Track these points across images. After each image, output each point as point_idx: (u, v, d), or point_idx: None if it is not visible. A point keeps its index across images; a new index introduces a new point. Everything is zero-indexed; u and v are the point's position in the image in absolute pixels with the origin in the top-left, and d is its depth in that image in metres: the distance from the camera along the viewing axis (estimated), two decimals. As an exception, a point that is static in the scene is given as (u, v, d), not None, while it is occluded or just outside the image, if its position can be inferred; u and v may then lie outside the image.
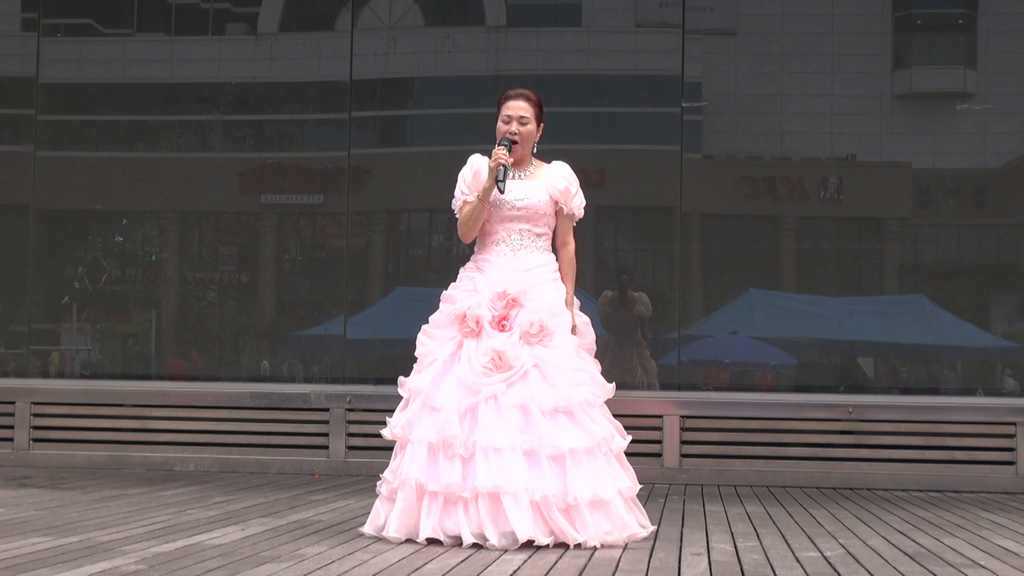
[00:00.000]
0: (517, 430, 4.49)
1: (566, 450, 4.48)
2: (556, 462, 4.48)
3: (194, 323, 8.43)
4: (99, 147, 8.64)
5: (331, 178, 8.27)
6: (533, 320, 4.66)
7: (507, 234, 4.87)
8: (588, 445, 4.52)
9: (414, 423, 4.62)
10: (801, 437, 7.22)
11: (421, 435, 4.57)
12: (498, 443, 4.46)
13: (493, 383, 4.56)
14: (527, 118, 4.88)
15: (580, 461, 4.49)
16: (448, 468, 4.48)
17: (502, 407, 4.53)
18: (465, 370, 4.62)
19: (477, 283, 4.80)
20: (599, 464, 4.54)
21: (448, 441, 4.50)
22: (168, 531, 4.72)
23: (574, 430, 4.54)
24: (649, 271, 8.34)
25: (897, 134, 8.06)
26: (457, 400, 4.57)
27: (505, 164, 4.75)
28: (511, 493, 4.39)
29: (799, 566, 4.14)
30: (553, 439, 4.49)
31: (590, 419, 4.59)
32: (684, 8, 7.89)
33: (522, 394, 4.55)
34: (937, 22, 8.29)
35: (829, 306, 7.98)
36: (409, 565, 4.00)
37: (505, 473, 4.41)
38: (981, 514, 5.89)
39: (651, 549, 4.47)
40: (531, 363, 4.61)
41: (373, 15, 8.27)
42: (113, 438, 7.65)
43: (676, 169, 7.81)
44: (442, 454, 4.51)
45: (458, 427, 4.52)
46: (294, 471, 7.45)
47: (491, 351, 4.59)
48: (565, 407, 4.55)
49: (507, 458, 4.44)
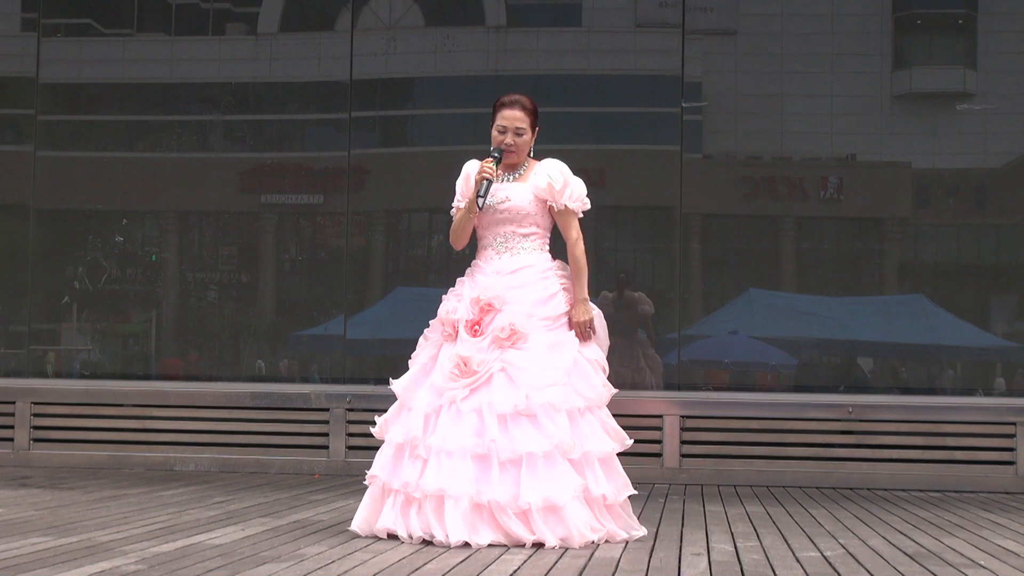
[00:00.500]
0: (472, 434, 4.53)
1: (523, 454, 4.48)
2: (512, 466, 4.49)
3: (194, 323, 8.43)
4: (99, 147, 8.64)
5: (331, 178, 8.27)
6: (504, 324, 4.67)
7: (494, 238, 4.88)
8: (546, 449, 4.50)
9: (390, 422, 4.78)
10: (801, 437, 7.22)
11: (392, 435, 4.71)
12: (449, 447, 4.52)
13: (455, 388, 4.62)
14: (523, 129, 4.85)
15: (536, 466, 4.47)
16: (408, 468, 4.59)
17: (461, 412, 4.59)
18: (437, 375, 4.70)
19: (465, 288, 4.86)
20: (557, 469, 4.50)
21: (412, 442, 4.61)
22: (168, 531, 4.72)
23: (534, 434, 4.51)
24: (649, 271, 8.34)
25: (897, 134, 8.06)
26: (426, 403, 4.66)
27: (489, 178, 4.75)
28: (452, 496, 4.44)
29: (799, 566, 4.14)
30: (510, 443, 4.50)
31: (552, 422, 4.54)
32: (684, 8, 7.88)
33: (481, 399, 4.58)
34: (937, 22, 8.29)
35: (829, 306, 7.98)
36: (409, 565, 4.00)
37: (450, 476, 4.47)
38: (981, 514, 5.89)
39: (651, 549, 4.47)
40: (498, 367, 4.62)
41: (373, 15, 8.27)
42: (113, 438, 7.66)
43: (676, 169, 7.81)
44: (407, 454, 4.63)
45: (421, 429, 4.61)
46: (294, 471, 7.45)
47: (456, 357, 4.64)
48: (525, 410, 4.54)
49: (455, 462, 4.50)
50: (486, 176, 4.75)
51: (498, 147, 4.84)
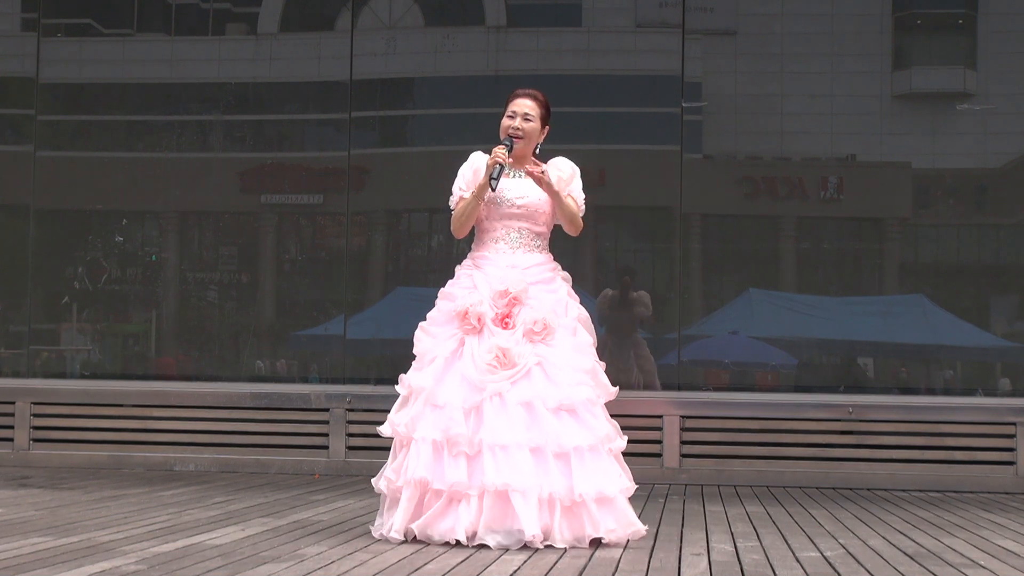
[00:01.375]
0: (523, 427, 4.49)
1: (571, 448, 4.49)
2: (561, 460, 4.49)
3: (194, 323, 8.43)
4: (99, 147, 8.64)
5: (331, 178, 8.27)
6: (537, 318, 4.67)
7: (506, 231, 4.87)
8: (591, 443, 4.54)
9: (417, 420, 4.60)
10: (801, 437, 7.22)
11: (425, 433, 4.55)
12: (504, 440, 4.45)
13: (498, 380, 4.55)
14: (532, 116, 4.89)
15: (584, 459, 4.50)
16: (453, 466, 4.47)
17: (507, 404, 4.53)
18: (469, 367, 4.61)
19: (476, 280, 4.80)
20: (603, 462, 4.56)
21: (453, 439, 4.49)
22: (168, 531, 4.72)
23: (578, 428, 4.54)
24: (649, 271, 8.34)
25: (897, 134, 8.06)
26: (461, 397, 4.56)
27: (502, 163, 4.75)
28: (519, 491, 4.39)
29: (799, 566, 4.14)
30: (558, 437, 4.50)
31: (593, 417, 4.60)
32: (684, 8, 7.88)
33: (527, 392, 4.55)
34: (937, 22, 8.28)
35: (829, 306, 7.98)
36: (409, 565, 4.00)
37: (513, 471, 4.41)
38: (981, 514, 5.89)
39: (651, 549, 4.47)
40: (534, 361, 4.61)
41: (373, 15, 8.27)
42: (113, 438, 7.65)
43: (676, 169, 7.81)
44: (447, 452, 4.50)
45: (463, 424, 4.50)
46: (294, 471, 7.45)
47: (495, 348, 4.59)
48: (568, 405, 4.56)
49: (514, 456, 4.43)
50: (499, 161, 4.75)
51: (508, 136, 4.85)
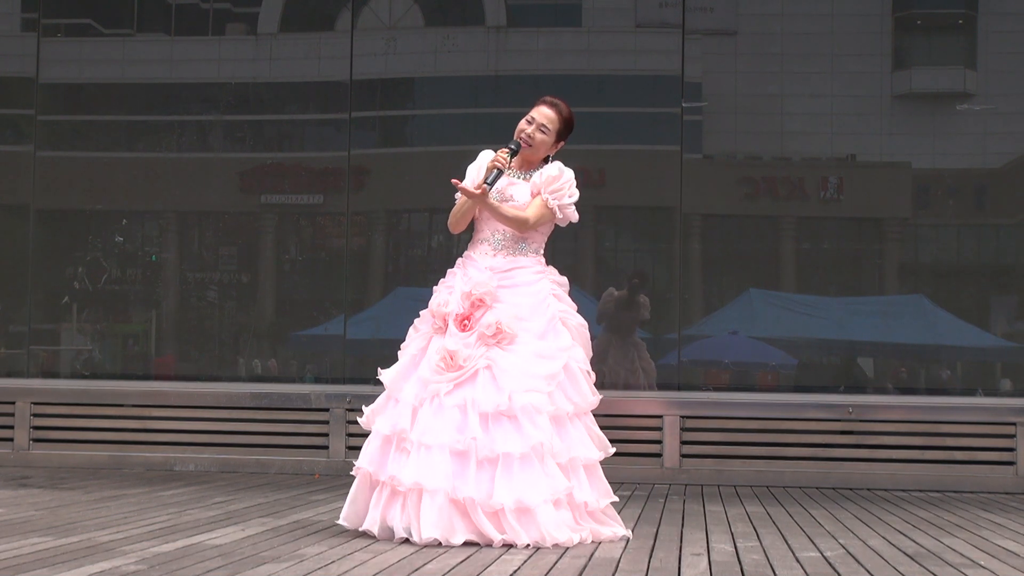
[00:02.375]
0: (453, 429, 4.51)
1: (500, 454, 4.46)
2: (489, 465, 4.47)
3: (194, 323, 8.43)
4: (99, 147, 8.64)
5: (331, 178, 8.27)
6: (491, 322, 4.64)
7: (491, 234, 4.86)
8: (524, 451, 4.47)
9: (376, 413, 4.72)
10: (801, 437, 7.22)
11: (379, 426, 4.67)
12: (429, 440, 4.50)
13: (440, 381, 4.59)
14: (548, 129, 4.83)
15: (511, 467, 4.45)
16: (395, 461, 4.55)
17: (443, 406, 4.56)
18: (424, 367, 4.67)
19: (456, 280, 4.81)
20: (532, 472, 4.47)
21: (400, 434, 4.58)
22: (168, 531, 4.72)
23: (514, 435, 4.49)
24: (649, 271, 8.34)
25: (897, 134, 8.06)
26: (413, 395, 4.63)
27: (500, 167, 4.75)
28: (429, 491, 4.43)
29: (799, 566, 4.14)
30: (489, 442, 4.48)
31: (533, 425, 4.51)
32: (684, 8, 7.89)
33: (465, 395, 4.56)
34: (937, 22, 8.29)
35: (829, 306, 7.98)
36: (409, 565, 4.00)
37: (428, 470, 4.45)
38: (981, 514, 5.89)
39: (651, 549, 4.47)
40: (483, 364, 4.60)
41: (373, 15, 8.27)
42: (113, 438, 7.65)
43: (676, 169, 7.81)
44: (393, 446, 4.59)
45: (409, 421, 4.57)
46: (294, 471, 7.45)
47: (443, 350, 4.62)
48: (507, 410, 4.52)
49: (434, 456, 4.47)
50: (498, 165, 4.74)
51: (516, 140, 4.83)
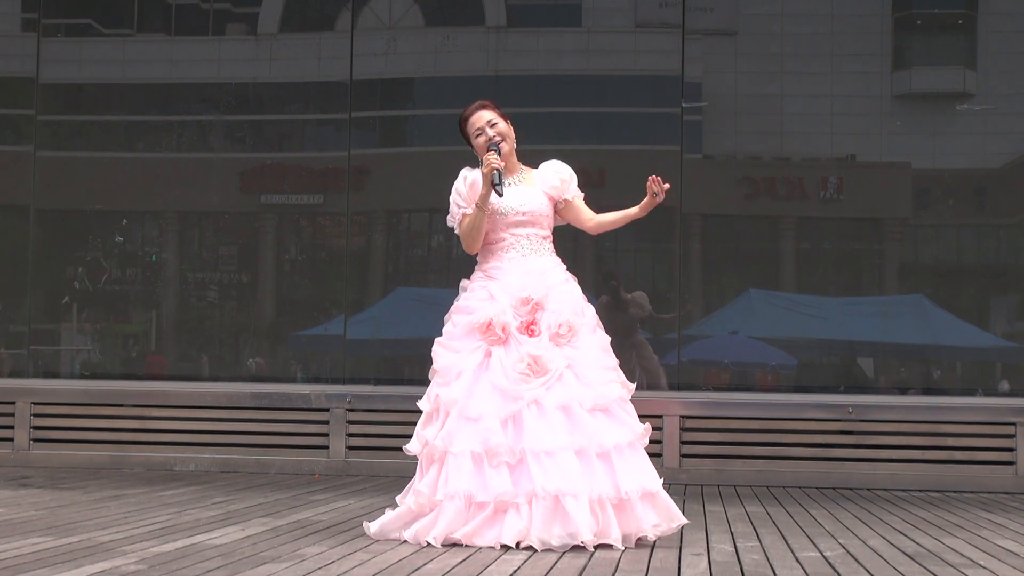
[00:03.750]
0: (564, 431, 4.53)
1: (611, 447, 4.54)
2: (603, 459, 4.53)
3: (194, 323, 8.43)
4: (99, 147, 8.64)
5: (331, 178, 8.27)
6: (561, 321, 4.70)
7: (515, 239, 4.89)
8: (630, 439, 4.61)
9: (453, 435, 4.58)
10: (801, 437, 7.22)
11: (463, 446, 4.54)
12: (548, 446, 4.48)
13: (533, 388, 4.58)
14: (495, 120, 4.92)
15: (625, 456, 4.56)
16: (495, 477, 4.48)
17: (545, 410, 4.56)
18: (499, 378, 4.62)
19: (493, 291, 4.80)
20: (641, 457, 4.63)
21: (492, 450, 4.50)
22: (168, 531, 4.72)
23: (614, 426, 4.61)
24: (649, 271, 8.34)
25: (897, 134, 8.06)
26: (495, 408, 4.58)
27: (499, 168, 4.78)
28: (571, 494, 4.42)
29: (799, 566, 4.14)
30: (598, 437, 4.54)
31: (626, 414, 4.68)
32: (684, 8, 7.89)
33: (562, 395, 4.59)
34: (937, 22, 8.28)
35: (829, 306, 7.98)
36: (409, 565, 4.00)
37: (562, 475, 4.44)
38: (981, 514, 5.89)
39: (651, 549, 4.47)
40: (564, 364, 4.65)
41: (373, 15, 8.27)
42: (113, 438, 7.65)
43: (676, 169, 7.81)
44: (487, 463, 4.51)
45: (501, 435, 4.52)
46: (294, 471, 7.45)
47: (527, 356, 4.62)
48: (603, 405, 4.62)
49: (561, 460, 4.47)
50: (495, 166, 4.78)
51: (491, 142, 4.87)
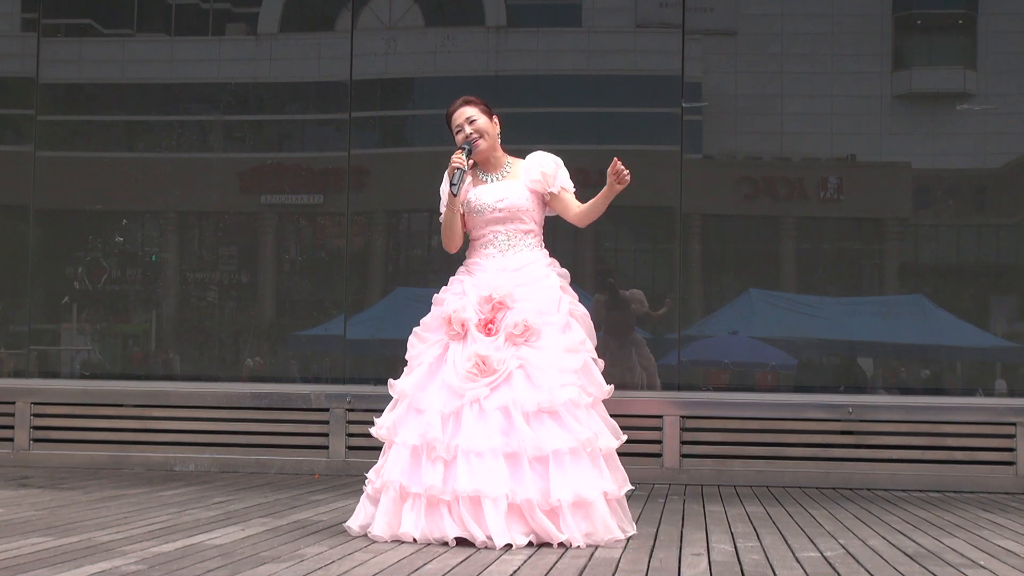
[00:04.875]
0: (499, 433, 4.51)
1: (549, 452, 4.49)
2: (539, 463, 4.50)
3: (194, 323, 8.43)
4: (99, 147, 8.64)
5: (331, 178, 8.28)
6: (517, 321, 4.67)
7: (494, 236, 4.89)
8: (572, 446, 4.52)
9: (399, 424, 4.66)
10: (801, 437, 7.22)
11: (405, 437, 4.61)
12: (479, 447, 4.48)
13: (476, 387, 4.58)
14: (474, 116, 4.90)
15: (563, 462, 4.50)
16: (430, 471, 4.51)
17: (485, 411, 4.55)
18: (450, 374, 4.64)
19: (466, 286, 4.83)
20: (583, 465, 4.54)
21: (431, 444, 4.53)
22: (168, 531, 4.72)
23: (558, 431, 4.54)
24: (649, 271, 8.34)
25: (897, 134, 8.06)
26: (441, 403, 4.60)
27: (459, 167, 4.78)
28: (490, 497, 4.42)
29: (799, 566, 4.14)
30: (536, 441, 4.50)
31: (575, 419, 4.58)
32: (684, 8, 7.89)
33: (505, 397, 4.57)
34: (937, 22, 8.29)
35: (829, 306, 7.98)
36: (409, 565, 4.00)
37: (486, 477, 4.44)
38: (981, 514, 5.89)
39: (651, 549, 4.47)
40: (515, 364, 4.62)
41: (373, 15, 8.27)
42: (113, 438, 7.65)
43: (676, 169, 7.81)
44: (425, 456, 4.54)
45: (440, 430, 4.54)
46: (294, 471, 7.45)
47: (474, 356, 4.62)
48: (548, 407, 4.55)
49: (488, 462, 4.46)
50: (456, 166, 4.78)
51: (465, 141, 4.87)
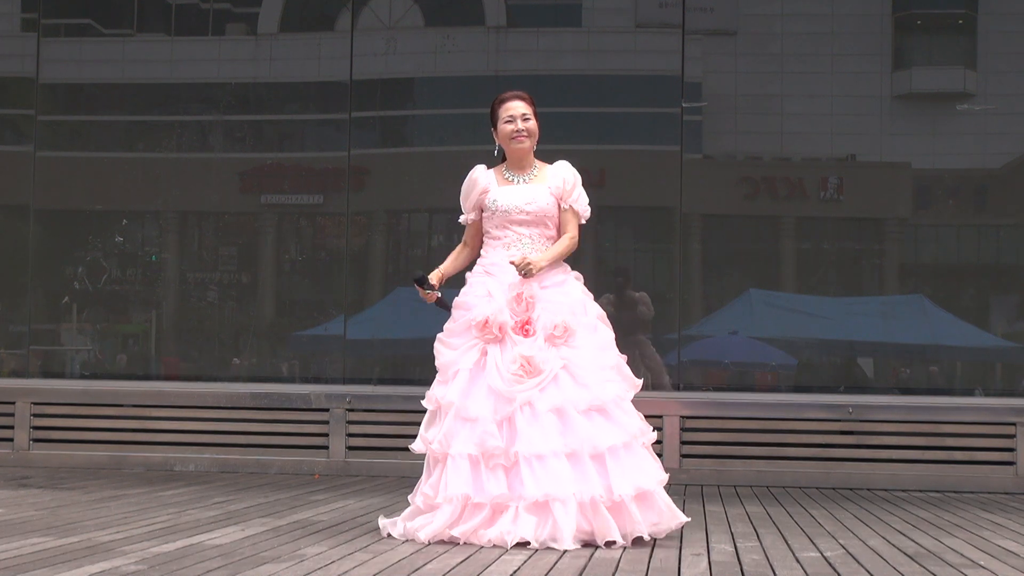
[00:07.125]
0: (556, 434, 4.52)
1: (605, 448, 4.52)
2: (597, 461, 4.52)
3: (194, 323, 8.43)
4: (99, 147, 8.64)
5: (331, 178, 8.28)
6: (556, 322, 4.68)
7: (517, 238, 4.89)
8: (625, 440, 4.58)
9: (451, 436, 4.60)
10: (801, 437, 7.22)
11: (461, 448, 4.56)
12: (540, 450, 4.48)
13: (526, 390, 4.57)
14: (529, 115, 4.92)
15: (619, 457, 4.54)
16: (492, 479, 4.49)
17: (538, 413, 4.55)
18: (495, 378, 4.61)
19: (490, 287, 4.80)
20: (638, 457, 4.60)
21: (489, 452, 4.51)
22: (168, 531, 4.72)
23: (610, 427, 4.58)
24: (649, 271, 8.34)
25: (897, 134, 8.06)
26: (491, 409, 4.58)
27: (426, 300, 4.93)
28: (560, 499, 4.42)
29: (799, 566, 4.14)
30: (592, 439, 4.52)
31: (623, 413, 4.64)
32: (684, 8, 7.89)
33: (556, 397, 4.57)
34: (937, 22, 8.29)
35: (829, 306, 7.98)
36: (409, 565, 4.00)
37: (552, 480, 4.44)
38: (981, 514, 5.89)
39: (651, 549, 4.47)
40: (559, 365, 4.63)
41: (373, 15, 8.27)
42: (113, 438, 7.66)
43: (676, 169, 7.81)
44: (483, 465, 4.52)
45: (498, 437, 4.53)
46: (294, 471, 7.45)
47: (519, 357, 4.60)
48: (598, 405, 4.59)
49: (551, 465, 4.46)
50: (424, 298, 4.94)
51: (421, 277, 4.94)
